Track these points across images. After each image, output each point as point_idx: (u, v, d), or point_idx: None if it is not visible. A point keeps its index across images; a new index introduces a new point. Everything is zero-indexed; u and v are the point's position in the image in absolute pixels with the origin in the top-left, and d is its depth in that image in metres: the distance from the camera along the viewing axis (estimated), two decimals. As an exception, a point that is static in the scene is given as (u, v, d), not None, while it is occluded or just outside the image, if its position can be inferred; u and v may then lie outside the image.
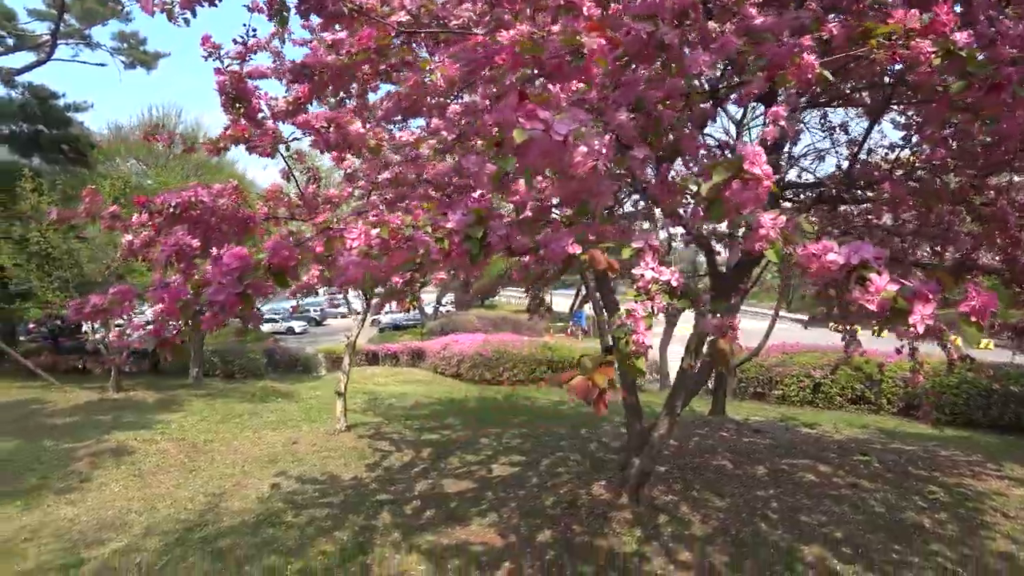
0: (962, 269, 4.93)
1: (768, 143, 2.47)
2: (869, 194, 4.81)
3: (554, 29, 1.47)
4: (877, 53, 1.81)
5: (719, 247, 6.19)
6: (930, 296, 1.13)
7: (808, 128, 6.00)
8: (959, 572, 4.29)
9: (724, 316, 1.44)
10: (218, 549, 4.73)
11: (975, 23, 2.45)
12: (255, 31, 2.77)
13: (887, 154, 5.17)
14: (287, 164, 3.45)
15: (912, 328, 1.12)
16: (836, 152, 5.72)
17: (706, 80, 3.67)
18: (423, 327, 27.29)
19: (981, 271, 5.00)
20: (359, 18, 2.26)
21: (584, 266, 1.41)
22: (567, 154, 1.08)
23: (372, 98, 3.63)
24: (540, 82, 2.00)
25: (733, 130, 8.89)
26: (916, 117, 4.75)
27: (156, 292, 2.10)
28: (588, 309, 26.69)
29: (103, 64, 22.04)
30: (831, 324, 5.94)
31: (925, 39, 1.77)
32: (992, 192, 4.42)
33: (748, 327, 5.37)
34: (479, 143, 3.01)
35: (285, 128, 3.04)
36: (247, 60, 2.76)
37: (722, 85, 3.71)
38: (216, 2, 2.33)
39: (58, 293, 12.12)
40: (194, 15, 2.37)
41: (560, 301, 32.86)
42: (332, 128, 2.23)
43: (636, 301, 1.29)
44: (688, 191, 1.49)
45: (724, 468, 6.67)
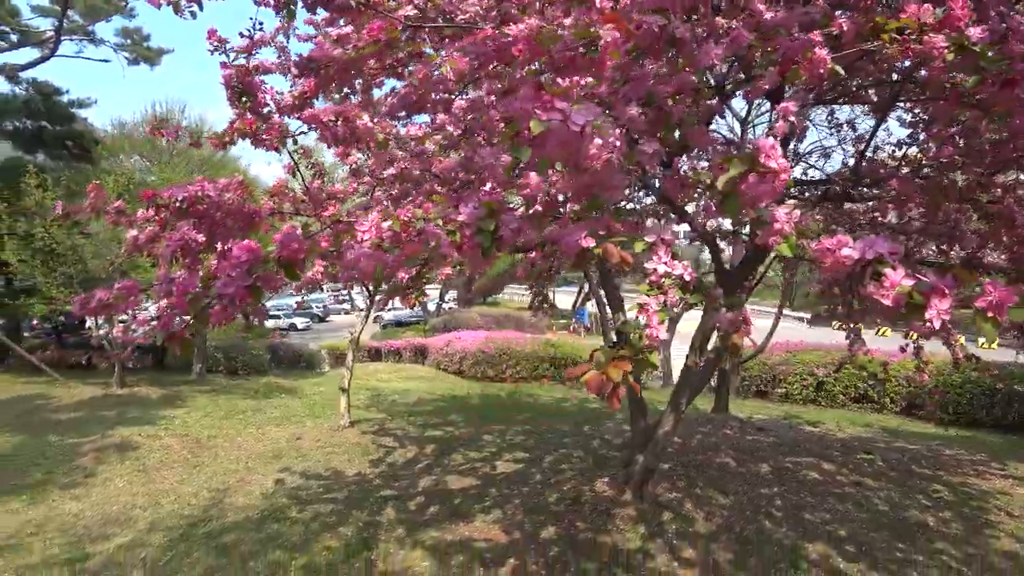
0: (968, 268, 4.90)
1: (777, 139, 2.46)
2: (875, 192, 4.78)
3: (566, 23, 1.46)
4: (890, 48, 1.79)
5: (723, 244, 6.18)
6: (946, 291, 1.12)
7: (814, 125, 5.97)
8: (963, 571, 4.28)
9: (736, 311, 1.44)
10: (222, 545, 4.73)
11: (986, 19, 2.43)
12: (261, 24, 2.76)
13: (894, 151, 5.14)
14: (293, 159, 3.45)
15: (928, 323, 1.11)
16: (843, 149, 5.70)
17: (712, 76, 3.65)
18: (426, 324, 27.31)
19: (987, 270, 4.97)
20: (366, 11, 2.25)
21: (594, 260, 1.40)
22: (584, 145, 1.08)
23: (376, 95, 3.63)
24: (546, 77, 1.99)
25: (738, 127, 8.88)
26: (923, 115, 4.73)
27: (161, 287, 2.11)
28: (590, 306, 26.77)
29: (107, 60, 22.11)
30: (834, 323, 5.92)
31: (938, 34, 1.75)
32: (999, 190, 4.39)
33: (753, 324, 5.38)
34: (484, 138, 3.00)
35: (291, 123, 3.04)
36: (253, 54, 2.76)
37: (729, 81, 3.70)
38: (223, -5, 2.32)
39: (62, 289, 12.14)
40: (200, 8, 2.36)
41: (563, 298, 32.90)
42: (340, 122, 2.22)
43: (648, 295, 1.28)
44: (700, 185, 1.48)
45: (728, 466, 6.66)
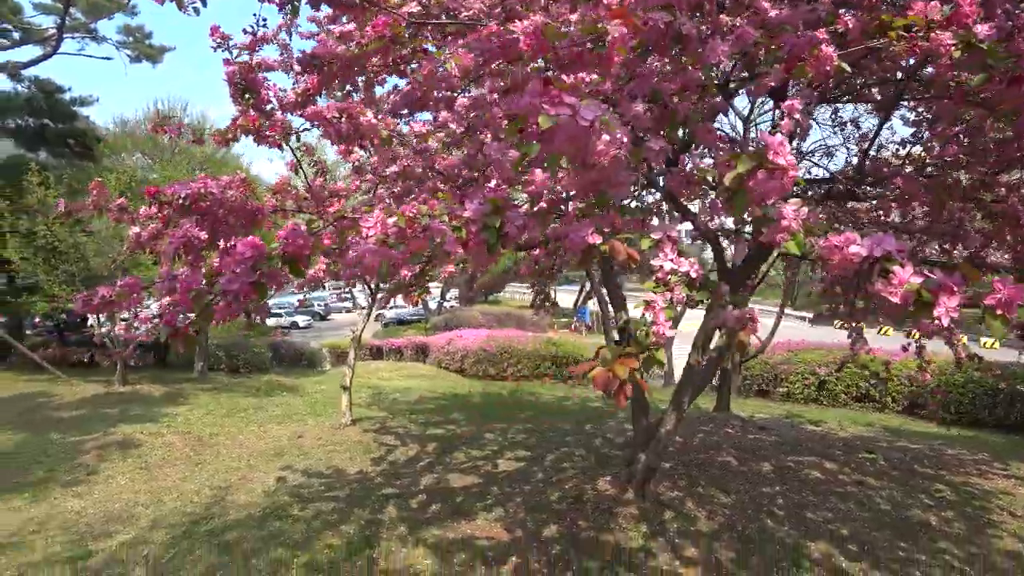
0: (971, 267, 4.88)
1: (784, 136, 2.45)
2: (878, 191, 4.77)
3: (572, 19, 1.45)
4: (897, 46, 1.78)
5: (725, 243, 6.16)
6: (955, 289, 1.11)
7: (818, 124, 5.95)
8: (966, 570, 4.27)
9: (743, 308, 1.43)
10: (225, 542, 4.74)
11: (993, 16, 2.42)
12: (265, 21, 2.75)
13: (898, 150, 5.13)
14: (295, 156, 3.44)
15: (937, 320, 1.11)
16: (847, 148, 5.68)
17: (716, 74, 3.64)
18: (427, 322, 27.33)
19: (991, 269, 4.96)
20: (370, 8, 2.24)
21: (598, 257, 1.39)
22: (592, 141, 1.07)
23: (377, 93, 3.62)
24: (551, 74, 1.98)
25: (740, 126, 8.86)
26: (926, 113, 4.71)
27: (164, 284, 2.10)
28: (592, 305, 26.76)
29: (108, 58, 22.08)
30: (836, 322, 5.91)
31: (946, 31, 1.74)
32: (1003, 189, 4.38)
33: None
34: (488, 136, 2.99)
35: (294, 120, 3.03)
36: (257, 51, 2.75)
37: (733, 78, 3.68)
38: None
39: (64, 287, 12.14)
40: (204, 4, 2.35)
41: (564, 297, 32.88)
42: (344, 118, 2.21)
43: (655, 292, 1.27)
44: (706, 183, 1.48)
45: (729, 465, 6.66)
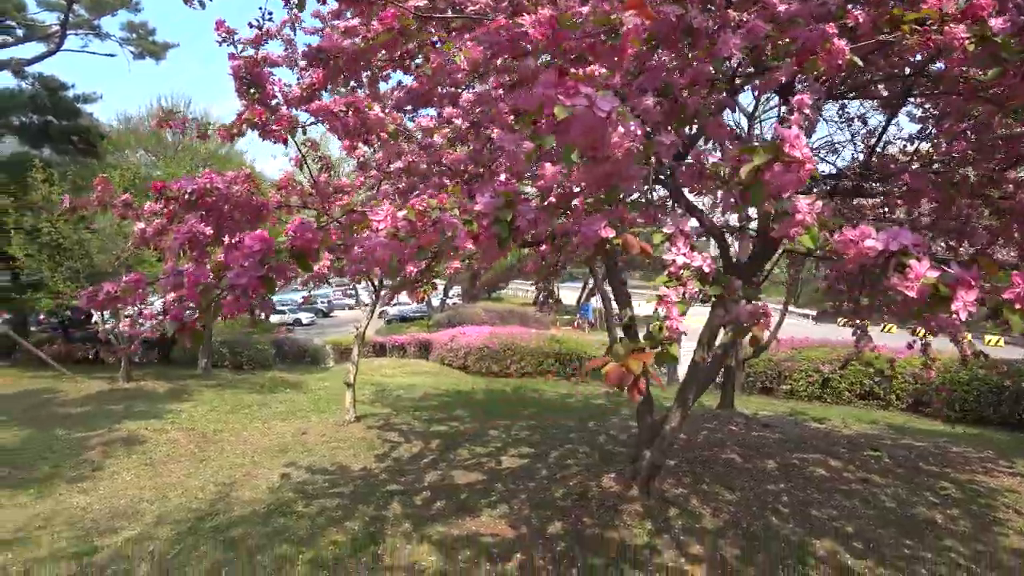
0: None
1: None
2: (884, 187, 4.74)
3: (583, 11, 1.44)
4: (910, 39, 1.76)
5: (730, 239, 6.13)
6: (973, 283, 1.10)
7: (824, 120, 5.92)
8: (972, 568, 4.26)
9: (756, 304, 1.42)
10: (230, 538, 4.75)
11: (1005, 10, 2.40)
12: (271, 14, 2.75)
13: (905, 146, 5.10)
14: (300, 152, 3.43)
15: (954, 315, 1.09)
16: (854, 144, 5.64)
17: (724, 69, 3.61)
18: (430, 319, 27.35)
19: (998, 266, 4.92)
20: (377, 1, 2.23)
21: (603, 253, 1.38)
22: (609, 132, 1.06)
23: (382, 89, 3.61)
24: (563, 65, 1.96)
25: (744, 123, 8.82)
26: (933, 110, 4.68)
27: (168, 280, 2.10)
28: (595, 302, 26.70)
29: (112, 55, 22.15)
30: (840, 319, 5.88)
31: (960, 24, 1.72)
32: (1011, 186, 4.35)
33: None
34: (495, 131, 2.98)
35: (299, 115, 3.02)
36: (262, 45, 2.74)
37: (739, 74, 3.65)
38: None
39: (69, 283, 12.17)
40: (210, -1, 2.34)
41: (567, 294, 32.85)
42: (351, 112, 2.21)
43: (668, 287, 1.26)
44: (718, 177, 1.46)
45: (733, 462, 6.64)
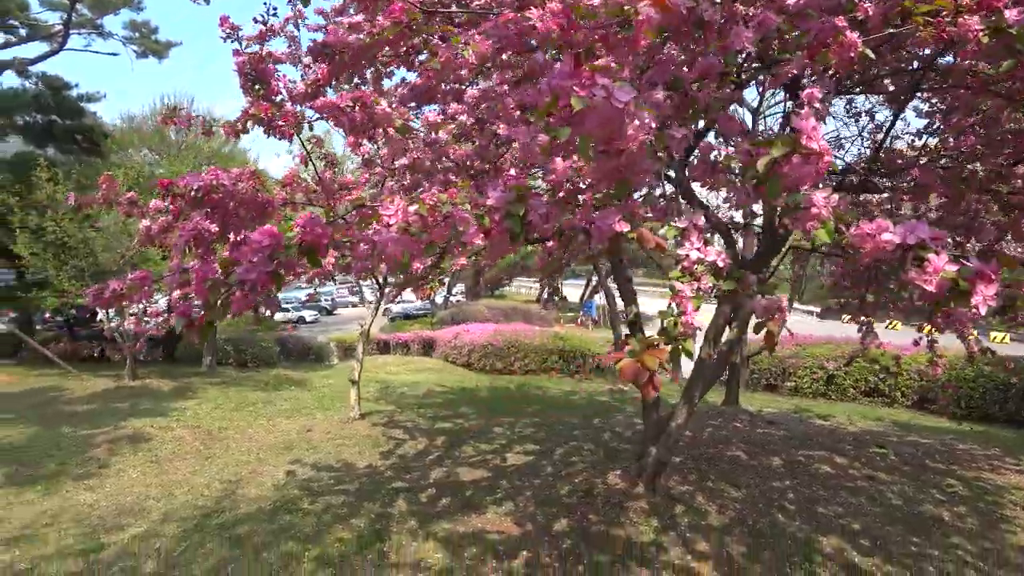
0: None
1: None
2: (891, 183, 4.71)
3: (594, 3, 1.42)
4: (923, 31, 1.74)
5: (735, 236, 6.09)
6: (992, 277, 1.08)
7: (831, 115, 5.88)
8: (980, 566, 4.24)
9: (771, 298, 1.40)
10: (236, 535, 4.75)
11: (1020, 2, 2.37)
12: (275, 9, 2.73)
13: (913, 141, 5.06)
14: (305, 149, 3.42)
15: (974, 309, 1.08)
16: (862, 138, 5.60)
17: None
18: (433, 317, 27.37)
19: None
20: (383, -3, 2.21)
21: (619, 246, 1.36)
22: (626, 124, 1.04)
23: (385, 86, 3.60)
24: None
25: (748, 118, 8.77)
26: (940, 104, 4.64)
27: (174, 277, 2.09)
28: (598, 299, 26.67)
29: (115, 54, 22.08)
30: (844, 316, 5.85)
31: (974, 16, 1.70)
32: (1020, 181, 4.32)
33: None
34: (501, 127, 2.96)
35: (304, 112, 3.01)
36: (267, 41, 2.73)
37: (745, 69, 3.62)
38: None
39: (74, 282, 12.21)
40: (215, -6, 2.32)
41: (570, 291, 32.78)
42: (357, 107, 2.19)
43: (682, 282, 1.25)
44: (731, 170, 1.45)
45: (739, 459, 6.63)
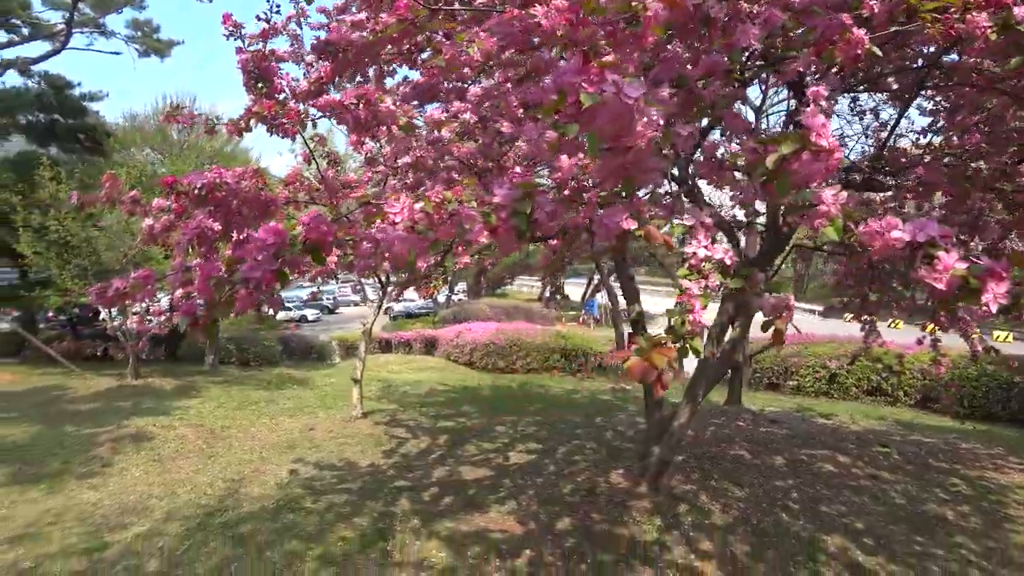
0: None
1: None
2: (894, 181, 4.69)
3: (601, 0, 1.41)
4: (931, 28, 1.73)
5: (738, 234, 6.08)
6: (1004, 274, 1.07)
7: (836, 114, 5.87)
8: (983, 565, 4.23)
9: (779, 296, 1.39)
10: (239, 534, 4.75)
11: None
12: (279, 7, 2.73)
13: (918, 139, 5.05)
14: (308, 147, 3.42)
15: (985, 307, 1.07)
16: (866, 136, 5.59)
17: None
18: (435, 315, 27.38)
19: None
20: (386, -6, 2.20)
21: (625, 244, 1.36)
22: (636, 120, 1.03)
23: (388, 85, 3.59)
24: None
25: (751, 116, 8.76)
26: (944, 102, 4.62)
27: (176, 276, 2.09)
28: (600, 298, 26.63)
29: (118, 53, 22.05)
30: (846, 315, 5.84)
31: (982, 12, 1.69)
32: (1024, 179, 4.30)
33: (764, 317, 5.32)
34: (504, 124, 2.95)
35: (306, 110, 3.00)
36: (270, 39, 2.72)
37: (750, 66, 3.61)
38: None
39: (77, 281, 12.24)
40: (218, -8, 2.32)
41: (571, 290, 32.75)
42: (362, 105, 2.19)
43: (689, 280, 1.24)
44: (735, 168, 1.44)
45: (742, 458, 6.62)
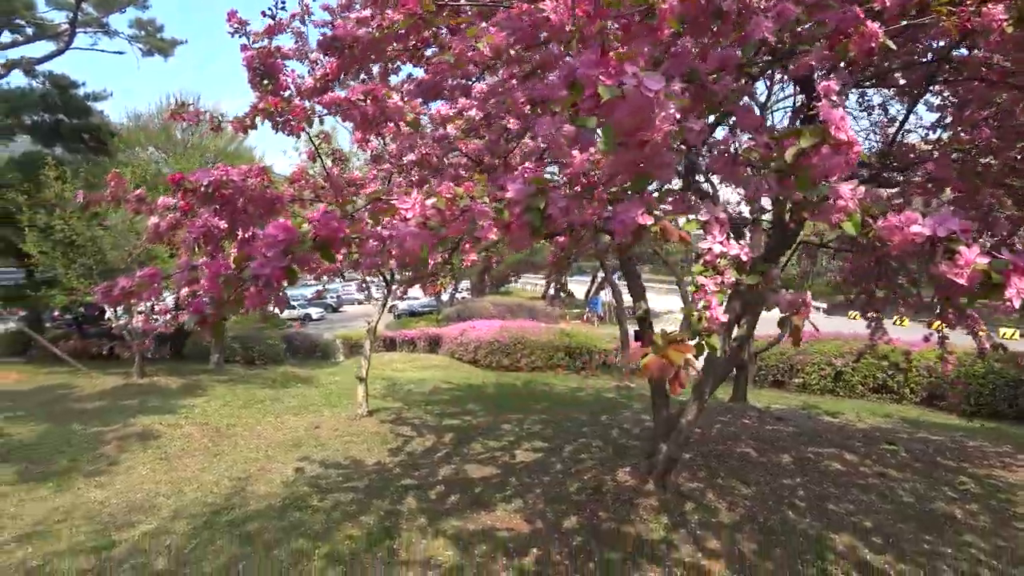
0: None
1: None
2: (902, 177, 4.66)
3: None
4: (946, 21, 1.70)
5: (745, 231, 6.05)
6: (1027, 269, 1.05)
7: (844, 108, 5.83)
8: (993, 564, 4.20)
9: (796, 293, 1.37)
10: (246, 533, 4.76)
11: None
12: (283, 4, 2.71)
13: (927, 134, 5.01)
14: (313, 144, 3.41)
15: (1008, 303, 1.05)
16: (874, 132, 5.55)
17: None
18: (439, 314, 27.38)
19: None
20: (393, -10, 2.19)
21: (639, 240, 1.34)
22: (656, 113, 1.01)
23: (392, 83, 3.57)
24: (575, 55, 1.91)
25: (756, 112, 8.69)
26: (952, 98, 4.58)
27: (182, 274, 2.07)
28: (604, 295, 26.57)
29: (121, 52, 22.07)
30: (851, 312, 5.81)
31: (998, 5, 1.66)
32: (1034, 174, 4.26)
33: (769, 314, 5.28)
34: (511, 121, 2.94)
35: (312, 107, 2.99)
36: (277, 35, 2.71)
37: (758, 61, 3.58)
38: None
39: (82, 280, 12.28)
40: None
41: (575, 288, 32.65)
42: (369, 101, 2.17)
43: (705, 276, 1.22)
44: (749, 163, 1.42)
45: (748, 456, 6.60)
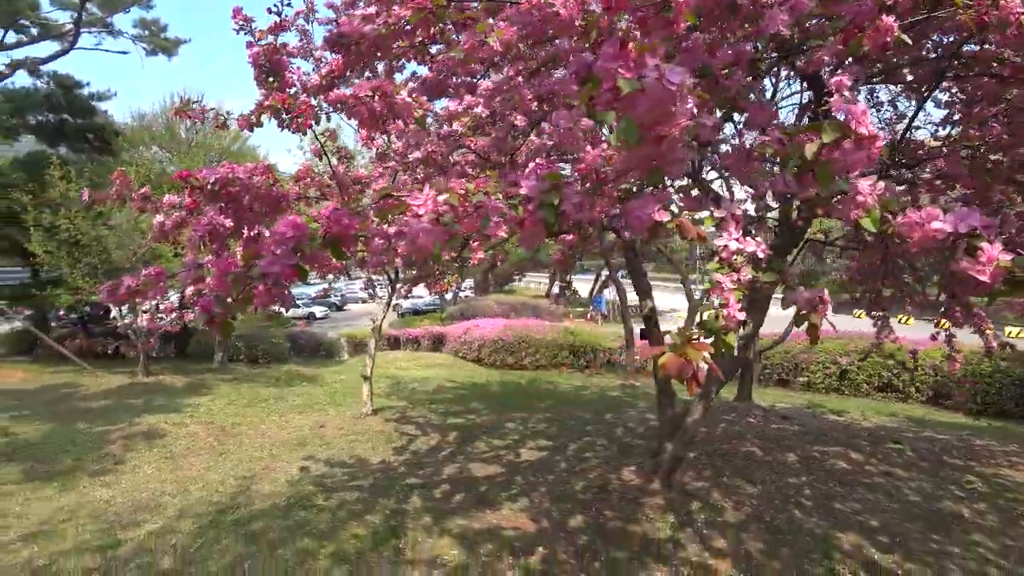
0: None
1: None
2: (911, 174, 4.63)
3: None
4: (963, 15, 1.68)
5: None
6: (1051, 266, 1.03)
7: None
8: (1002, 563, 4.17)
9: (812, 291, 1.35)
10: (251, 532, 4.75)
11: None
12: (289, 1, 2.70)
13: (937, 131, 4.97)
14: (319, 142, 3.40)
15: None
16: (883, 129, 5.51)
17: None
18: (443, 312, 27.37)
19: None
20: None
21: (654, 237, 1.32)
22: (678, 107, 0.99)
23: (396, 81, 3.56)
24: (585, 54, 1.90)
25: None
26: (961, 94, 4.55)
27: (188, 273, 2.06)
28: (607, 294, 26.52)
29: (125, 52, 22.10)
30: (855, 311, 5.76)
31: (1016, -4, 1.64)
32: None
33: (773, 313, 5.21)
34: (518, 118, 2.92)
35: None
36: (280, 33, 2.69)
37: (765, 57, 3.56)
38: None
39: (87, 279, 12.32)
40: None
41: (579, 286, 32.66)
42: (377, 97, 2.15)
43: (721, 274, 1.20)
44: (763, 159, 1.40)
45: (754, 455, 6.57)
